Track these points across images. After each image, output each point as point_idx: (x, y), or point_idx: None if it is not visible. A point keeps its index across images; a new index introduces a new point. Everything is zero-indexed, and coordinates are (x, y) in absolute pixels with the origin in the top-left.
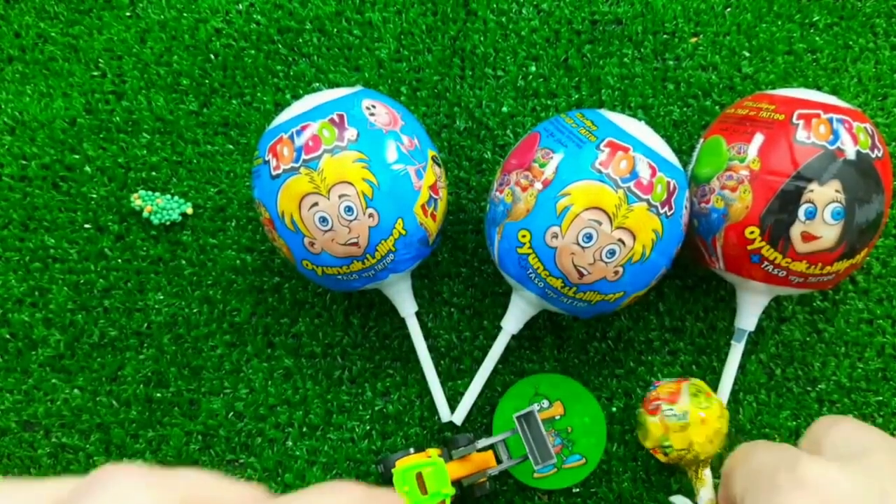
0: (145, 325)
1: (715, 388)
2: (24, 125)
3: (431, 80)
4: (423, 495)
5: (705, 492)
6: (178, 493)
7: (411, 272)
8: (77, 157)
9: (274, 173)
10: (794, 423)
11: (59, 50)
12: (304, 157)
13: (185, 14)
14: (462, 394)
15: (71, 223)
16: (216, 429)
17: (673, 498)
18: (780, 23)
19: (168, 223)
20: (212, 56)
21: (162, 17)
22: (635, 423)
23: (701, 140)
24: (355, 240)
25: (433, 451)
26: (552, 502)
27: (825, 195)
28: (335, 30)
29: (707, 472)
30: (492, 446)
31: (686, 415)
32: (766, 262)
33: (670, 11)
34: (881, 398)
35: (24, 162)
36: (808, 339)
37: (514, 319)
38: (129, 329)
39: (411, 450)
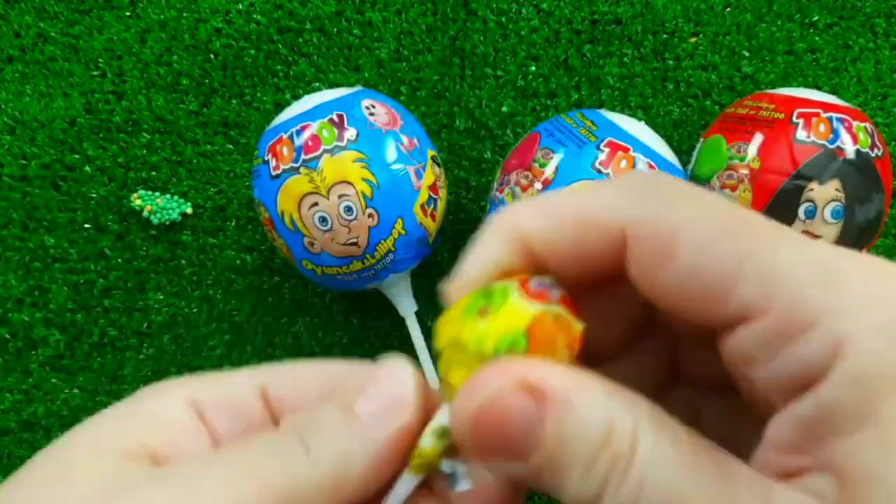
0: (145, 324)
1: None
2: (24, 125)
3: (431, 80)
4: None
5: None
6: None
7: (411, 272)
8: (77, 156)
9: (273, 173)
10: None
11: (59, 50)
12: (303, 156)
13: (185, 14)
14: None
15: (71, 223)
16: None
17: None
18: (779, 23)
19: (168, 223)
20: (212, 56)
21: (162, 17)
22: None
23: (701, 139)
24: (355, 240)
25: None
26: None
27: (825, 194)
28: (335, 30)
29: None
30: None
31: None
32: None
33: (670, 11)
34: None
35: (24, 162)
36: None
37: None
38: (129, 329)
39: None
